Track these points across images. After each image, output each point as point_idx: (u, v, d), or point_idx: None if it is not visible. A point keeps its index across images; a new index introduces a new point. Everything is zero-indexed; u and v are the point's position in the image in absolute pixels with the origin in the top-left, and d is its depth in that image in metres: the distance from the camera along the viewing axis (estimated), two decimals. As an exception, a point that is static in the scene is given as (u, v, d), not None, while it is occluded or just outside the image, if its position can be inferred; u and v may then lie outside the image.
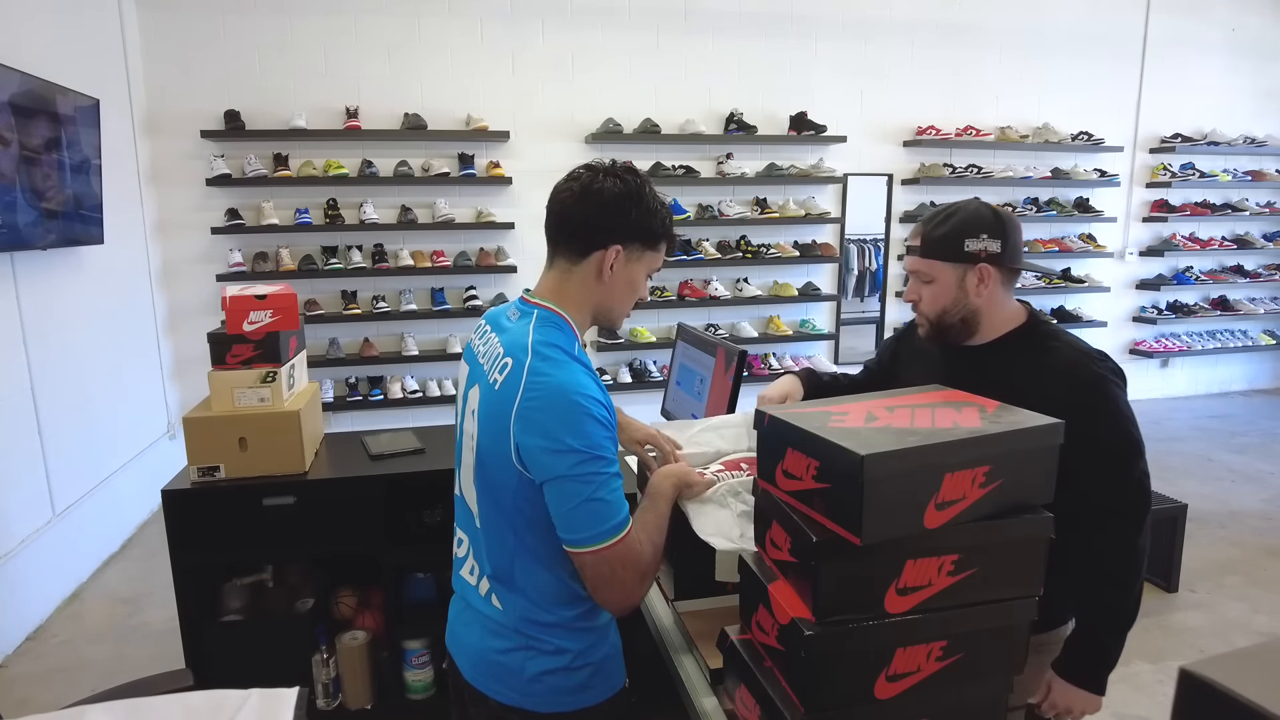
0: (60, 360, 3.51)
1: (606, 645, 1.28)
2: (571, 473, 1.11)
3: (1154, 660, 2.88)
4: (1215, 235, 6.60)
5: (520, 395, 1.14)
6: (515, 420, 1.14)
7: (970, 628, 1.06)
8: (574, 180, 1.23)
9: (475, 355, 1.30)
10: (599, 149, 5.21)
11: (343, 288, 4.94)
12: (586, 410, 1.12)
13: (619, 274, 1.24)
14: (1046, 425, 1.07)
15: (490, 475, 1.20)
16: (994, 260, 1.41)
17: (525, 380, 1.14)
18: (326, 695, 2.37)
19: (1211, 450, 5.31)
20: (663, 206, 1.26)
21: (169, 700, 1.13)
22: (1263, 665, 0.53)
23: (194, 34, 4.58)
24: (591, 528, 1.12)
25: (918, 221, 1.52)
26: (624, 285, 1.26)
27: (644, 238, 1.24)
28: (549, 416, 1.12)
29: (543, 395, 1.13)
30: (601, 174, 1.22)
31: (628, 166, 1.25)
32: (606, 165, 1.24)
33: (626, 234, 1.22)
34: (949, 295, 1.45)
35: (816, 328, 5.73)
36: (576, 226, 1.23)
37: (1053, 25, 5.94)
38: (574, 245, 1.23)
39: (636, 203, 1.21)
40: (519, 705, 1.23)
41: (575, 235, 1.23)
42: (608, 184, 1.21)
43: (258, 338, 2.15)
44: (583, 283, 1.24)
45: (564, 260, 1.25)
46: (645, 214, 1.23)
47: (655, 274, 1.33)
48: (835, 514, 1.00)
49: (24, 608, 3.15)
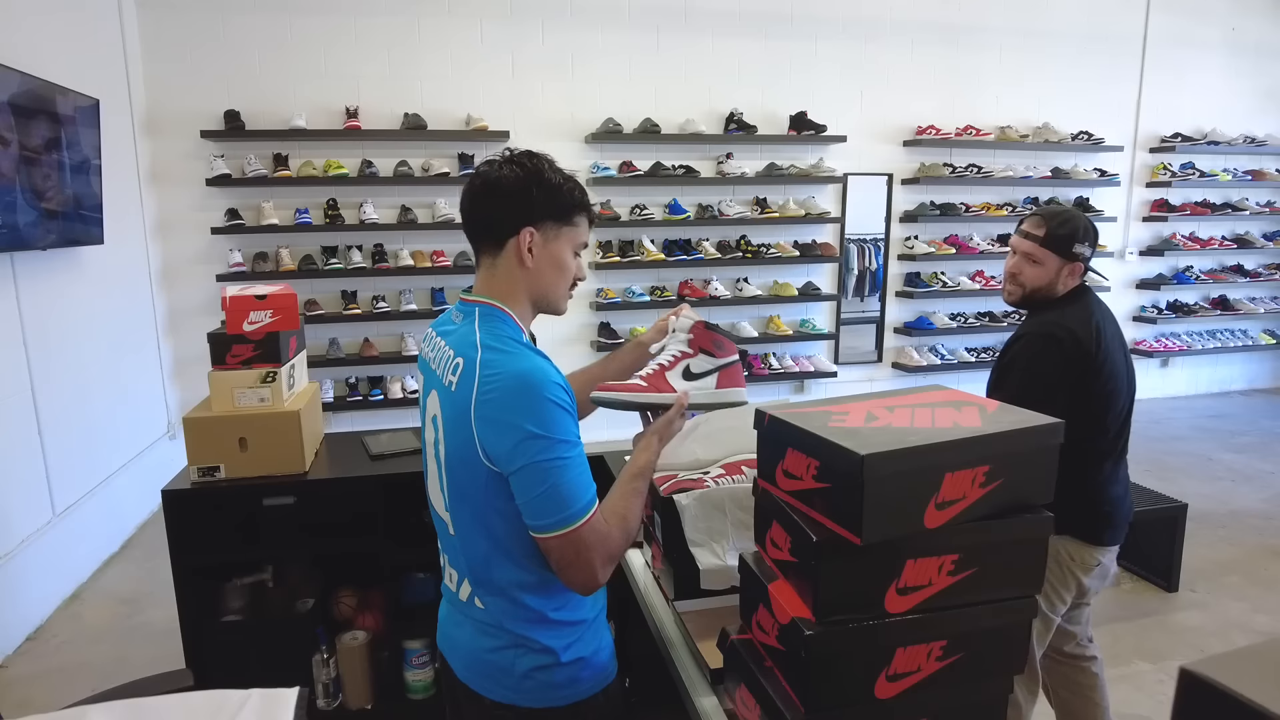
0: (60, 360, 3.51)
1: (596, 638, 1.29)
2: (535, 459, 1.12)
3: (1154, 660, 2.88)
4: (1215, 235, 6.60)
5: (476, 389, 1.15)
6: (475, 415, 1.14)
7: (970, 627, 1.06)
8: (476, 177, 1.25)
9: (428, 364, 1.30)
10: (599, 149, 5.21)
11: (343, 288, 4.94)
12: (544, 394, 1.12)
13: (541, 256, 1.24)
14: (1046, 425, 1.07)
15: (459, 477, 1.21)
16: (1084, 261, 1.94)
17: (479, 374, 1.15)
18: (327, 695, 2.37)
19: (1212, 450, 5.31)
20: (567, 180, 1.25)
21: (169, 700, 1.13)
22: (1263, 665, 0.53)
23: (194, 34, 4.58)
24: (556, 512, 1.13)
25: (1037, 213, 1.97)
26: (551, 266, 1.26)
27: (554, 214, 1.24)
28: (507, 406, 1.12)
29: (499, 385, 1.14)
30: (498, 164, 1.24)
31: (524, 151, 1.26)
32: (503, 155, 1.25)
33: (534, 214, 1.23)
34: (1047, 278, 1.94)
35: (816, 327, 5.73)
36: (485, 219, 1.24)
37: (1053, 25, 5.94)
38: (490, 238, 1.25)
39: (536, 182, 1.22)
40: (512, 702, 1.24)
41: (487, 229, 1.24)
42: (505, 171, 1.22)
43: (258, 338, 2.15)
44: (508, 273, 1.25)
45: (487, 256, 1.26)
46: (548, 190, 1.23)
47: (585, 249, 1.33)
48: (835, 514, 1.00)
49: (24, 608, 3.15)
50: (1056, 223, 1.91)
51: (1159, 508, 3.36)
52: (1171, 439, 5.59)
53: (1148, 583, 3.46)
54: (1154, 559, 3.46)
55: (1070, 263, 1.92)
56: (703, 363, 1.36)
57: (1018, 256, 1.97)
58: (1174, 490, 3.87)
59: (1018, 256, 1.97)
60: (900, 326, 6.08)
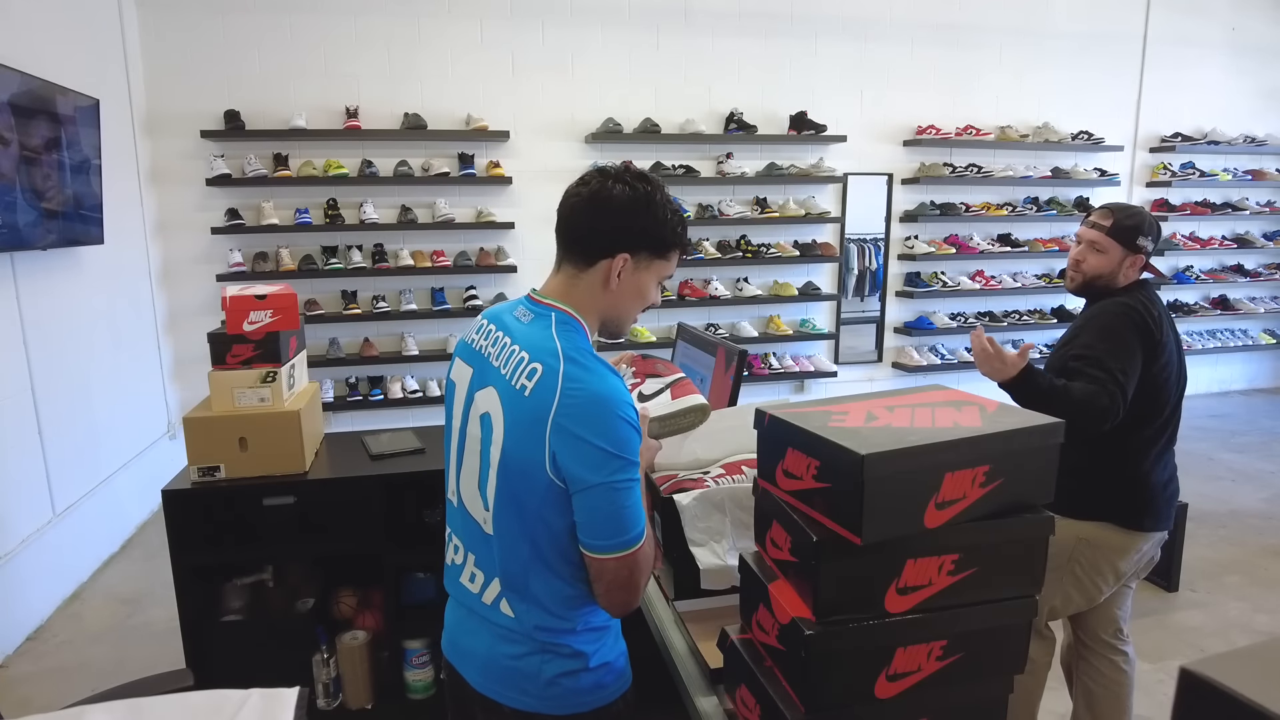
0: (60, 360, 3.51)
1: (617, 643, 1.29)
2: (607, 480, 1.10)
3: (1154, 659, 2.88)
4: (1215, 234, 6.60)
5: (557, 403, 1.11)
6: (552, 426, 1.11)
7: (970, 627, 1.06)
8: (584, 185, 1.21)
9: (481, 355, 1.25)
10: (599, 149, 5.21)
11: (343, 287, 4.94)
12: (623, 416, 1.12)
13: (626, 282, 1.22)
14: (1046, 425, 1.07)
15: (516, 484, 1.17)
16: (1146, 255, 2.02)
17: (562, 387, 1.12)
18: (327, 695, 2.37)
19: (1212, 450, 5.31)
20: (674, 214, 1.23)
21: (169, 700, 1.13)
22: (1263, 664, 0.53)
23: (194, 34, 4.58)
24: (618, 535, 1.12)
25: (1105, 206, 2.07)
26: (632, 293, 1.24)
27: (653, 246, 1.22)
28: (589, 423, 1.10)
29: (582, 404, 1.11)
30: (612, 179, 1.19)
31: (640, 173, 1.23)
32: (618, 170, 1.22)
33: (634, 242, 1.20)
34: (1110, 266, 2.03)
35: (816, 327, 5.73)
36: (584, 233, 1.21)
37: (1053, 25, 5.95)
38: (582, 251, 1.21)
39: (646, 210, 1.19)
40: (536, 710, 1.21)
41: (583, 241, 1.21)
42: (616, 190, 1.18)
43: (258, 338, 2.15)
44: (590, 289, 1.22)
45: (571, 265, 1.23)
46: (655, 223, 1.20)
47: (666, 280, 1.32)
48: (835, 513, 1.00)
49: (24, 608, 3.15)
50: (1124, 214, 2.01)
51: (1159, 507, 3.35)
52: (1171, 439, 5.59)
53: (1148, 582, 3.46)
54: (1154, 559, 3.46)
55: (1133, 254, 2.00)
56: (652, 385, 1.44)
57: (1083, 245, 2.06)
58: (1174, 490, 3.87)
59: (1083, 245, 2.06)
60: (900, 326, 6.08)
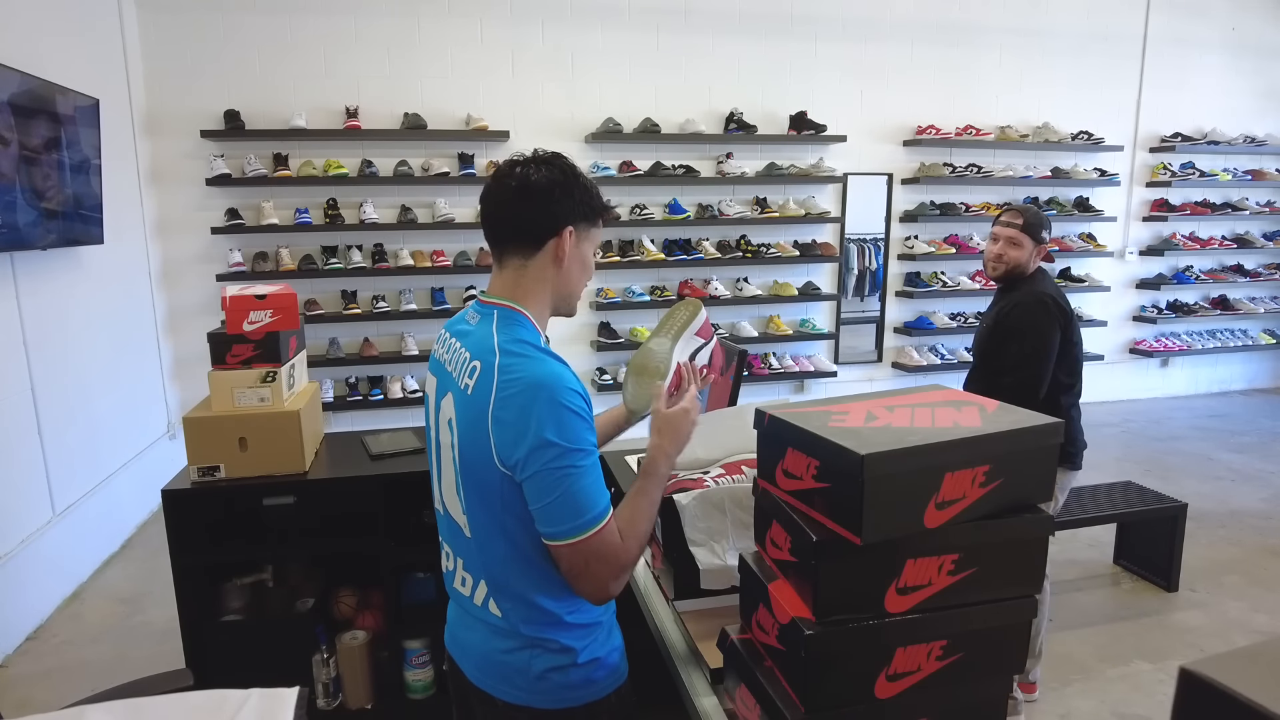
0: (60, 360, 3.51)
1: (609, 639, 1.29)
2: (549, 466, 1.11)
3: (1154, 659, 2.88)
4: (1215, 234, 6.60)
5: (494, 394, 1.14)
6: (492, 420, 1.14)
7: (970, 627, 1.06)
8: (506, 178, 1.23)
9: (442, 365, 1.29)
10: (599, 149, 5.21)
11: (343, 287, 4.94)
12: (561, 402, 1.12)
13: (573, 255, 1.26)
14: (1046, 425, 1.07)
15: (476, 481, 1.20)
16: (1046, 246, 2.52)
17: (497, 379, 1.14)
18: (327, 695, 2.37)
19: (1211, 449, 5.31)
20: (591, 183, 1.28)
21: (169, 700, 1.13)
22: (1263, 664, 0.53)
23: (194, 34, 4.58)
24: (568, 520, 1.12)
25: (1012, 208, 2.54)
26: (578, 266, 1.28)
27: (589, 215, 1.26)
28: (523, 412, 1.12)
29: (515, 391, 1.13)
30: (530, 165, 1.23)
31: (552, 153, 1.26)
32: (524, 158, 1.25)
33: (574, 214, 1.24)
34: (1024, 257, 2.49)
35: (816, 327, 5.73)
36: (523, 221, 1.23)
37: (1053, 25, 5.95)
38: (525, 240, 1.24)
39: (575, 181, 1.24)
40: (527, 704, 1.23)
41: (524, 230, 1.24)
42: (543, 172, 1.22)
43: (258, 337, 2.15)
44: (540, 274, 1.25)
45: (516, 258, 1.25)
46: (584, 192, 1.24)
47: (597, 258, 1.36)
48: (835, 513, 1.00)
49: (24, 608, 3.15)
50: (1030, 214, 2.51)
51: (1159, 507, 3.36)
52: (1171, 439, 5.59)
53: (1147, 582, 3.46)
54: (1154, 559, 3.46)
55: (1039, 245, 2.50)
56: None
57: (1001, 242, 2.51)
58: (1174, 490, 3.88)
59: (1001, 242, 2.51)
60: (900, 326, 6.08)
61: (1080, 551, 3.73)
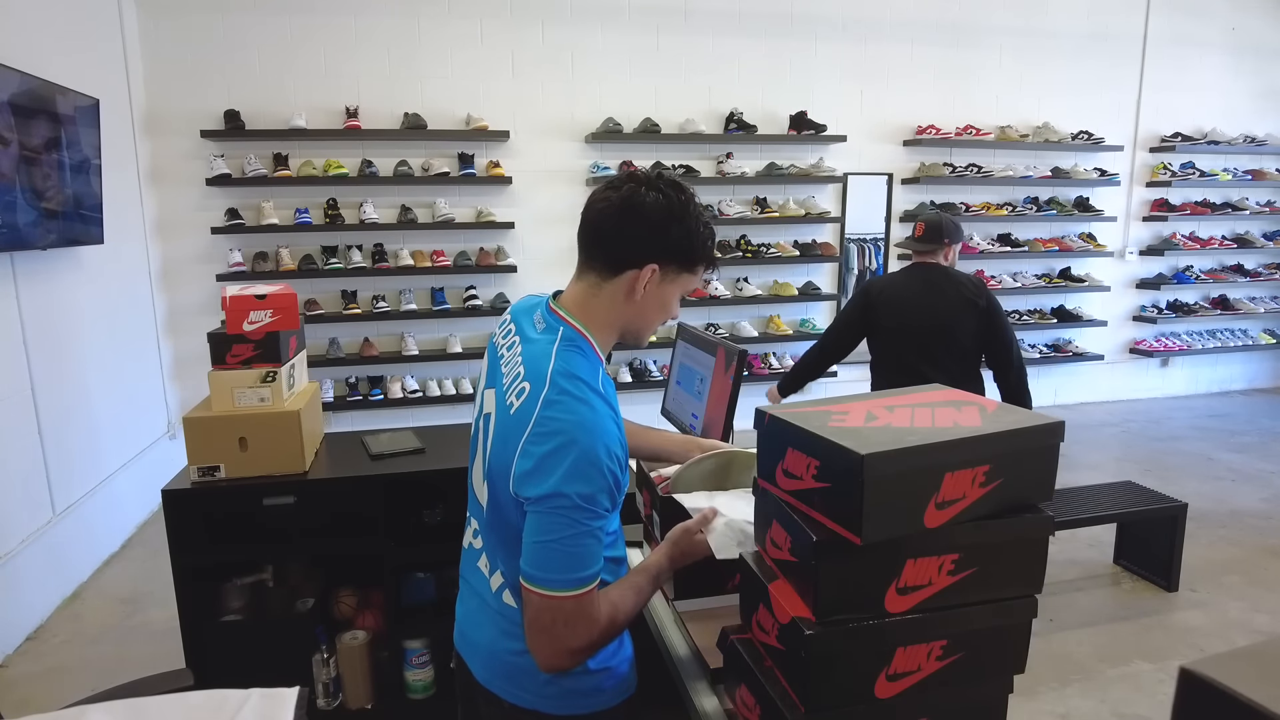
0: (60, 360, 3.51)
1: (621, 650, 1.27)
2: (555, 511, 1.06)
3: (1154, 660, 2.88)
4: (1215, 234, 6.60)
5: (530, 429, 1.09)
6: (520, 453, 1.10)
7: (970, 627, 1.06)
8: (614, 190, 1.16)
9: (498, 356, 1.24)
10: (599, 149, 5.21)
11: (343, 287, 4.95)
12: (591, 462, 1.07)
13: (651, 294, 1.18)
14: (1046, 424, 1.07)
15: (497, 491, 1.18)
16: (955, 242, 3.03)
17: (538, 414, 1.09)
18: (327, 695, 2.37)
19: (1212, 449, 5.31)
20: (706, 226, 1.19)
21: (169, 700, 1.13)
22: (1263, 664, 0.53)
23: (194, 34, 4.58)
24: (554, 571, 1.07)
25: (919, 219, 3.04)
26: (655, 306, 1.20)
27: (682, 259, 1.18)
28: (551, 459, 1.06)
29: (549, 437, 1.07)
30: (644, 186, 1.14)
31: (674, 181, 1.17)
32: (651, 176, 1.17)
33: (664, 253, 1.15)
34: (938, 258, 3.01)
35: (817, 327, 5.72)
36: (612, 241, 1.16)
37: (1053, 25, 5.95)
38: (607, 260, 1.17)
39: (679, 221, 1.15)
40: (534, 707, 1.21)
41: (609, 250, 1.16)
42: (650, 198, 1.14)
43: (258, 337, 2.15)
44: (611, 300, 1.18)
45: (594, 274, 1.18)
46: (686, 234, 1.16)
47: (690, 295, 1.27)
48: (835, 513, 1.00)
49: (24, 607, 3.15)
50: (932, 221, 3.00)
51: (1159, 507, 3.36)
52: (1171, 438, 5.59)
53: (1147, 582, 3.46)
54: (1154, 558, 3.46)
55: (957, 243, 3.02)
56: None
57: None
58: (1174, 490, 3.88)
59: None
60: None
61: (1080, 551, 3.73)
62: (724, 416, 1.92)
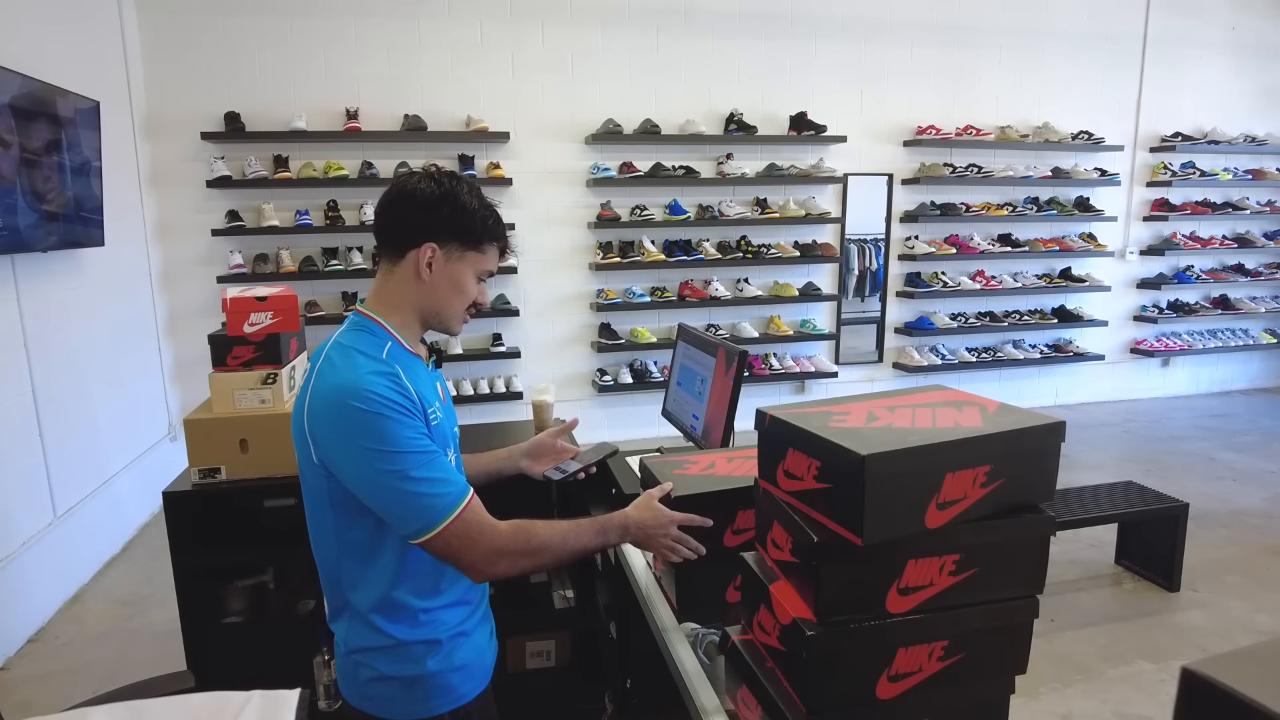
0: (61, 362, 3.51)
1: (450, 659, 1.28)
2: (373, 470, 1.12)
3: (1156, 659, 2.88)
4: (1216, 234, 6.60)
5: (308, 400, 1.16)
6: (307, 426, 1.16)
7: (972, 627, 1.06)
8: (394, 183, 1.26)
9: None
10: (599, 149, 5.21)
11: (343, 289, 4.95)
12: (366, 409, 1.11)
13: (440, 274, 1.24)
14: (1047, 425, 1.07)
15: (305, 482, 1.23)
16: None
17: (312, 385, 1.17)
18: (328, 697, 2.37)
19: (1213, 449, 5.31)
20: (484, 207, 1.26)
21: (170, 702, 1.14)
22: (1265, 664, 0.53)
23: (194, 35, 4.59)
24: (416, 519, 1.13)
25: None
26: (448, 286, 1.26)
27: (461, 236, 1.24)
28: (333, 420, 1.13)
29: (323, 399, 1.14)
30: (418, 176, 1.24)
31: (449, 172, 1.26)
32: (427, 169, 1.26)
33: (440, 232, 1.23)
34: None
35: (817, 328, 5.73)
36: (390, 224, 1.25)
37: (1052, 25, 5.95)
38: (389, 244, 1.25)
39: (450, 201, 1.22)
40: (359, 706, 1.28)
41: (389, 235, 1.25)
42: (422, 184, 1.23)
43: (258, 339, 2.15)
44: (402, 282, 1.25)
45: (386, 262, 1.27)
46: (459, 212, 1.23)
47: (491, 277, 1.33)
48: (836, 514, 1.00)
49: (25, 610, 3.15)
50: None
51: (1160, 507, 3.36)
52: (1173, 438, 5.59)
53: (1149, 582, 3.46)
54: (1155, 558, 3.45)
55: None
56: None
57: None
58: (1175, 490, 3.87)
59: None
60: (901, 327, 6.08)
61: (1082, 551, 3.73)
62: (724, 417, 1.92)
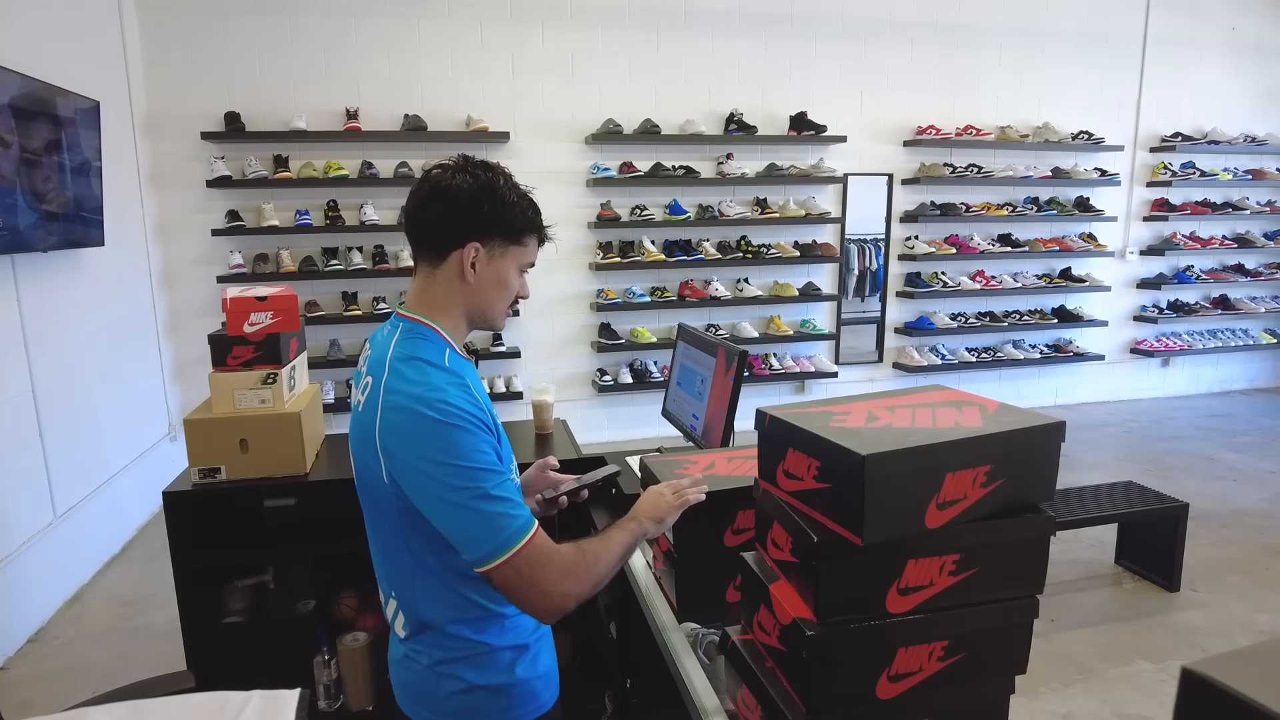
0: (61, 362, 3.51)
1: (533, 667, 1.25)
2: (446, 488, 1.06)
3: (1156, 659, 2.88)
4: (1216, 234, 6.60)
5: (380, 414, 1.11)
6: (381, 450, 1.11)
7: (972, 627, 1.06)
8: (425, 180, 1.20)
9: (360, 376, 1.27)
10: (599, 149, 5.21)
11: (343, 289, 4.95)
12: (445, 421, 1.07)
13: (484, 272, 1.20)
14: (1047, 425, 1.07)
15: (372, 497, 1.18)
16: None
17: (382, 398, 1.11)
18: (328, 697, 2.37)
19: (1213, 449, 5.31)
20: (522, 198, 1.21)
21: (171, 702, 1.14)
22: (1264, 664, 0.53)
23: (194, 35, 4.59)
24: (488, 541, 1.07)
25: None
26: (492, 284, 1.22)
27: (503, 232, 1.20)
28: (409, 433, 1.08)
29: (399, 411, 1.09)
30: (452, 170, 1.19)
31: (481, 162, 1.21)
32: (459, 161, 1.20)
33: (482, 229, 1.18)
34: None
35: (817, 328, 5.73)
36: (431, 227, 1.19)
37: (1052, 25, 5.95)
38: (431, 247, 1.20)
39: (490, 196, 1.17)
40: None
41: (429, 237, 1.20)
42: (458, 180, 1.17)
43: (258, 339, 2.15)
44: (447, 285, 1.21)
45: (426, 265, 1.22)
46: (500, 207, 1.18)
47: (531, 268, 1.28)
48: (836, 514, 1.00)
49: (25, 610, 3.15)
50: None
51: (1160, 507, 3.36)
52: (1173, 438, 5.59)
53: (1149, 582, 3.46)
54: (1155, 558, 3.45)
55: None
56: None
57: None
58: (1175, 490, 3.87)
59: None
60: (901, 327, 6.08)
61: (1081, 551, 3.73)
62: (724, 417, 1.92)
